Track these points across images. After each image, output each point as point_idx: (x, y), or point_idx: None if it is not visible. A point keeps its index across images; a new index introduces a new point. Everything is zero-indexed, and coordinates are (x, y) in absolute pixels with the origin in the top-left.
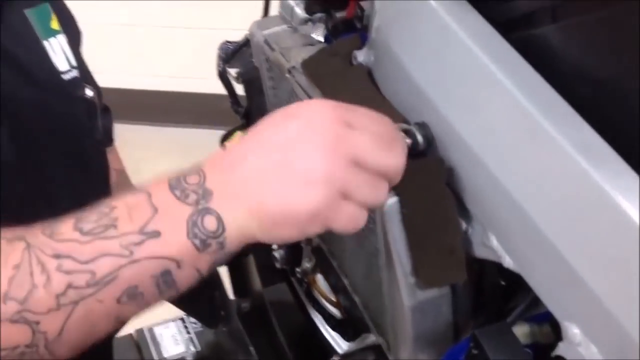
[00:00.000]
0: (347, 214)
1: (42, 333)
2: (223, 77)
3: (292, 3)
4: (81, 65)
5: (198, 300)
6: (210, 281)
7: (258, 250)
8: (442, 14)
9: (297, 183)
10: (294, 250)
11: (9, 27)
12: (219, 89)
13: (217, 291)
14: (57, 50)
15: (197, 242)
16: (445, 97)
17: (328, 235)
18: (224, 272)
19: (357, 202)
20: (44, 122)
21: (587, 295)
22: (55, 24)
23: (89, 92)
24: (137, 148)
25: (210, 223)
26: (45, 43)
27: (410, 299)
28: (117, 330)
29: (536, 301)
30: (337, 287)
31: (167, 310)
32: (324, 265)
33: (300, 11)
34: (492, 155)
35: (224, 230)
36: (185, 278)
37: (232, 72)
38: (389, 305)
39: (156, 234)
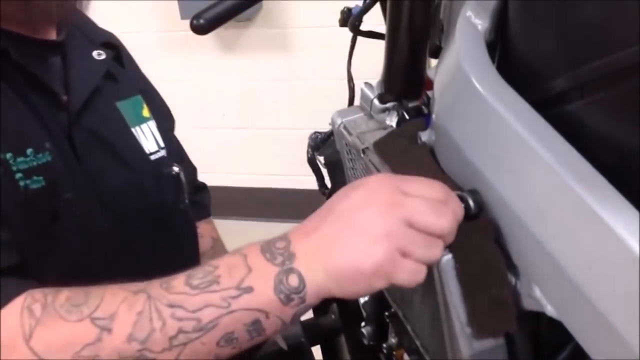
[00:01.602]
0: (407, 270)
1: None
2: (312, 163)
3: (371, 96)
4: (169, 146)
5: None
6: None
7: (349, 330)
8: (489, 98)
9: (361, 242)
10: (380, 326)
11: (101, 116)
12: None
13: None
14: (147, 134)
15: (282, 296)
16: (492, 168)
17: (400, 299)
18: (317, 351)
19: (414, 259)
20: (133, 196)
21: (618, 339)
22: (146, 112)
23: (175, 169)
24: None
25: (293, 280)
26: (136, 129)
27: (468, 349)
28: None
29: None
30: (410, 349)
31: None
32: (399, 329)
33: (377, 102)
34: (532, 218)
35: (304, 286)
36: (272, 327)
37: (321, 158)
38: (450, 358)
39: (250, 289)
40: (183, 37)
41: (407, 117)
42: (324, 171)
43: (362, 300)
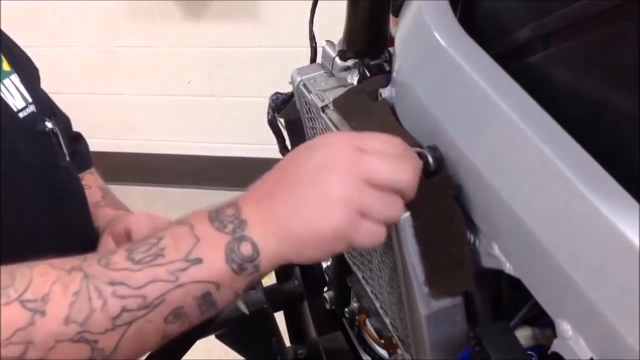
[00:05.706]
0: (367, 231)
1: (100, 350)
2: (273, 124)
3: (332, 54)
4: (38, 100)
5: (256, 345)
6: (268, 327)
7: (312, 295)
8: (451, 51)
9: (319, 207)
10: (342, 290)
11: None
12: None
13: (274, 337)
14: (12, 89)
15: (234, 266)
16: (453, 123)
17: (360, 261)
18: (280, 319)
19: (374, 219)
20: (10, 160)
21: (576, 293)
22: (6, 66)
23: (48, 125)
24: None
25: (245, 249)
26: None
27: (425, 308)
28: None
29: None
30: (370, 310)
31: (226, 354)
32: (359, 291)
33: (339, 60)
34: (494, 173)
35: (258, 254)
36: (224, 299)
37: (282, 120)
38: (409, 318)
39: (199, 261)
40: (147, 5)
41: (368, 74)
42: (285, 133)
43: (324, 264)
